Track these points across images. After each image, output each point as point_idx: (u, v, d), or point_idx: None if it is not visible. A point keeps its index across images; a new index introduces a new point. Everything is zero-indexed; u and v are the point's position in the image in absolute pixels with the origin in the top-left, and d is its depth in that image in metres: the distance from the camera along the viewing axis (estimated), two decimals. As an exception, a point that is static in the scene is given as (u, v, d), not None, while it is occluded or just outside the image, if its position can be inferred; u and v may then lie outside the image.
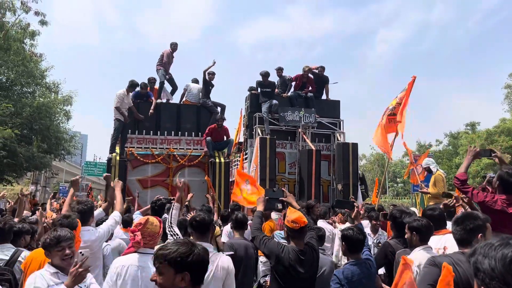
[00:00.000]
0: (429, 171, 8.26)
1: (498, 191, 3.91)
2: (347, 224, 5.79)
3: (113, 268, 3.08)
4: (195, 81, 12.32)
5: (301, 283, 3.35)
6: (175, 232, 3.50)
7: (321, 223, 6.61)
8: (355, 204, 5.14)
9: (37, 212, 5.81)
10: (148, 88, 11.58)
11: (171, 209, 3.69)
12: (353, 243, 3.52)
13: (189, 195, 6.89)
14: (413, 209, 7.41)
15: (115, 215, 4.36)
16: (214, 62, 11.42)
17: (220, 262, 3.26)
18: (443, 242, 3.94)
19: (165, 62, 11.53)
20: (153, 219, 3.25)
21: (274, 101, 11.03)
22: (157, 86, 11.83)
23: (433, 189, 7.76)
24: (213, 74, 11.64)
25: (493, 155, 4.36)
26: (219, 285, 3.22)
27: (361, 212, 5.95)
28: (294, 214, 3.45)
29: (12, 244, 4.24)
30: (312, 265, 3.42)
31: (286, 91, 11.71)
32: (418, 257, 3.49)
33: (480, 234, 2.73)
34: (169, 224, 3.56)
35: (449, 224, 5.33)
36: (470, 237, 2.75)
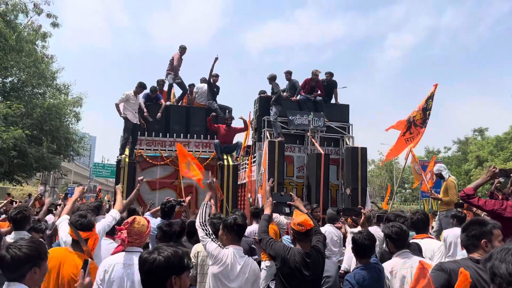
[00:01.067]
0: (440, 177, 8.18)
1: (511, 196, 3.92)
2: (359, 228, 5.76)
3: (101, 267, 3.14)
4: (204, 80, 12.22)
5: (306, 286, 3.36)
6: (209, 230, 3.51)
7: (329, 227, 6.58)
8: (362, 211, 5.12)
9: (58, 207, 5.86)
10: (158, 91, 11.64)
11: (204, 207, 3.67)
12: (360, 247, 3.54)
13: (187, 198, 6.95)
14: (409, 214, 7.35)
15: (113, 213, 4.38)
16: (216, 58, 11.13)
17: (253, 266, 3.39)
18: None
19: (175, 66, 11.57)
20: (140, 219, 3.30)
21: (275, 108, 11.03)
22: (165, 89, 11.89)
23: (444, 196, 7.69)
24: (216, 76, 11.63)
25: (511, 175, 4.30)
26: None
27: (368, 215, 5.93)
28: (300, 217, 3.49)
29: None
30: (318, 268, 3.42)
31: (295, 95, 11.70)
32: (392, 263, 3.55)
33: (484, 240, 2.71)
34: (203, 221, 3.54)
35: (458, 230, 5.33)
36: (474, 243, 2.75)
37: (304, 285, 3.34)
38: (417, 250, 3.86)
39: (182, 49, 11.73)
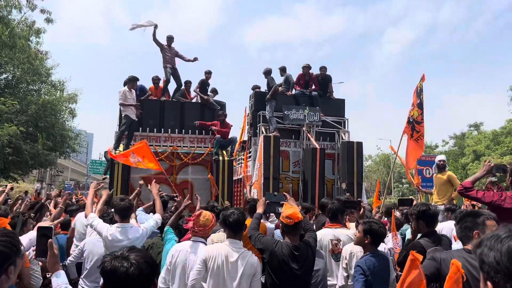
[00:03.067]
0: (442, 168, 8.09)
1: (510, 188, 3.92)
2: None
3: (170, 252, 3.67)
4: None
5: (295, 279, 3.33)
6: None
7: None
8: (362, 204, 5.09)
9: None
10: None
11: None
12: (378, 236, 3.62)
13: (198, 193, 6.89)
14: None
15: (157, 218, 4.50)
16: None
17: (250, 260, 3.39)
18: (337, 235, 4.60)
19: (170, 57, 11.54)
20: (206, 213, 3.78)
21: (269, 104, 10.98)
22: (161, 84, 11.81)
23: (448, 188, 7.74)
24: (209, 73, 11.69)
25: (509, 168, 4.25)
26: (248, 282, 3.36)
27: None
28: (289, 210, 3.49)
29: None
30: (307, 261, 3.40)
31: (289, 89, 11.64)
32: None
33: (476, 231, 2.72)
34: None
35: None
36: (467, 234, 2.77)
37: (292, 279, 3.31)
38: (448, 245, 3.81)
39: (169, 39, 11.57)
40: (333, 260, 4.54)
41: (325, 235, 4.61)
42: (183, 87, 11.86)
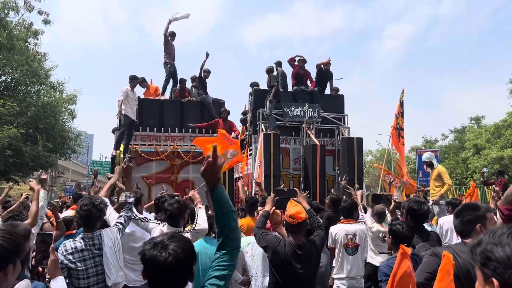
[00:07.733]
0: (430, 165, 8.18)
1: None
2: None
3: (249, 245, 4.08)
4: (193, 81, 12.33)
5: (298, 279, 3.29)
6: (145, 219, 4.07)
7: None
8: (393, 198, 5.03)
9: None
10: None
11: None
12: (400, 239, 3.40)
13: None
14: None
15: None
16: (208, 54, 11.47)
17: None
18: (353, 230, 4.87)
19: (170, 54, 11.59)
20: (277, 211, 4.25)
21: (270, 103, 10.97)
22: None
23: (438, 182, 7.72)
24: (208, 72, 11.69)
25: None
26: None
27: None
28: (293, 208, 3.43)
29: None
30: (310, 261, 3.35)
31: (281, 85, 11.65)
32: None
33: (479, 225, 2.67)
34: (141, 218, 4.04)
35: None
36: (468, 228, 2.71)
37: (295, 279, 3.28)
38: (435, 240, 3.81)
39: (171, 35, 11.67)
40: (347, 253, 4.74)
41: (341, 230, 4.89)
42: (177, 86, 11.86)
